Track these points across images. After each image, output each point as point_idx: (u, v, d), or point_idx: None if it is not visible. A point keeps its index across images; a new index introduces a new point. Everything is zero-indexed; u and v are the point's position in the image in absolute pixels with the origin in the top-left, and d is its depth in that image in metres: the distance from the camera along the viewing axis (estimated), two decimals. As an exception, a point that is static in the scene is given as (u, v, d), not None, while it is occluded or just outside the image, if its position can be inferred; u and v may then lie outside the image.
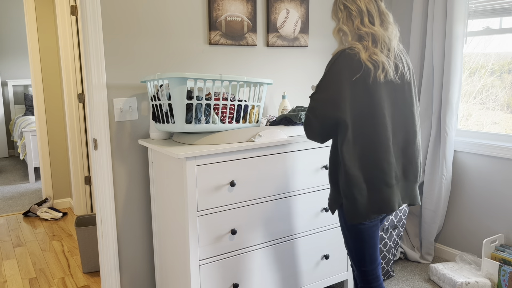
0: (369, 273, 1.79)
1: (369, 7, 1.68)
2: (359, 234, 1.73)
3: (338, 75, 1.61)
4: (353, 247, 1.78)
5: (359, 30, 1.66)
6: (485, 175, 2.78)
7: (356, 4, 1.68)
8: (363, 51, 1.62)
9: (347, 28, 1.69)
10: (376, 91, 1.62)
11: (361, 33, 1.67)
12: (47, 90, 4.16)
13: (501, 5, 2.67)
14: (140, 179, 2.33)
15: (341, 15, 1.71)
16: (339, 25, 1.72)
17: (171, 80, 1.87)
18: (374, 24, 1.67)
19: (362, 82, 1.61)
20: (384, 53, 1.66)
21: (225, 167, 2.00)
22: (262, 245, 2.18)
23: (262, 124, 2.33)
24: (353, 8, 1.68)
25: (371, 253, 1.76)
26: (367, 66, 1.61)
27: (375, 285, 1.81)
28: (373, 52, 1.63)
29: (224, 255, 2.06)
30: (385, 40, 1.66)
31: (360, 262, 1.79)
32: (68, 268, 3.01)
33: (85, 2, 2.07)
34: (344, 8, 1.70)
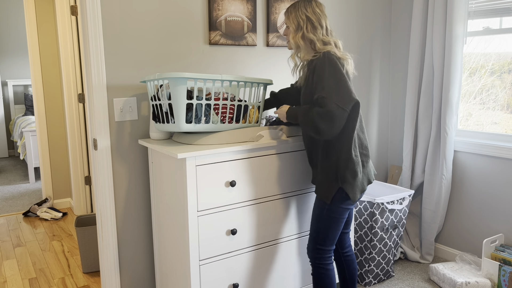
0: (326, 252, 2.01)
1: (326, 22, 1.96)
2: (338, 216, 1.95)
3: (336, 70, 1.82)
4: (324, 227, 1.97)
5: (324, 38, 1.93)
6: (485, 175, 2.78)
7: (317, 17, 1.94)
8: (336, 50, 1.90)
9: (315, 37, 1.92)
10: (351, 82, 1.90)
11: (325, 41, 1.93)
12: (47, 90, 4.16)
13: (501, 5, 2.67)
14: (140, 179, 2.33)
15: (303, 24, 1.93)
16: (304, 33, 1.93)
17: (171, 80, 1.87)
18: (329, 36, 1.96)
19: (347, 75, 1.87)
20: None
21: (225, 167, 2.00)
22: (262, 245, 2.18)
23: (262, 124, 2.33)
24: (315, 19, 1.93)
25: (336, 235, 2.00)
26: (346, 61, 1.90)
27: (329, 262, 2.02)
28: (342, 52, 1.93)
29: (224, 255, 2.06)
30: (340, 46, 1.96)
31: (323, 241, 1.99)
32: (68, 268, 3.01)
33: (85, 2, 2.07)
34: (307, 19, 1.93)
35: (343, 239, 2.14)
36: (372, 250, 2.62)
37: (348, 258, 2.15)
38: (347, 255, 2.15)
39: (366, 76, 3.17)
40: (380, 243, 2.63)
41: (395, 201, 2.64)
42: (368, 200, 2.57)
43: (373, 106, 3.24)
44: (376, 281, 2.70)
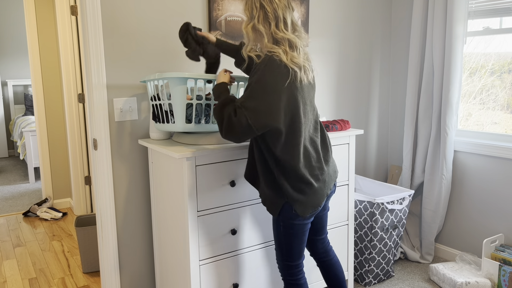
0: (294, 267, 1.90)
1: (285, 14, 1.70)
2: (295, 231, 1.82)
3: (272, 83, 1.63)
4: (284, 243, 1.86)
5: (276, 34, 1.68)
6: (485, 175, 2.78)
7: (273, 7, 1.68)
8: (283, 55, 1.65)
9: (264, 29, 1.70)
10: (301, 93, 1.71)
11: (278, 38, 1.69)
12: (47, 90, 4.16)
13: (501, 5, 2.67)
14: (140, 179, 2.33)
15: (256, 13, 1.70)
16: (255, 23, 1.71)
17: (171, 80, 1.87)
18: (288, 31, 1.70)
19: (293, 85, 1.67)
20: (302, 57, 1.71)
21: (225, 167, 2.00)
22: (262, 245, 2.18)
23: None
24: (270, 10, 1.68)
25: (300, 249, 1.87)
26: (293, 69, 1.66)
27: (299, 277, 1.91)
28: (292, 55, 1.67)
29: (224, 255, 2.06)
30: (299, 46, 1.71)
31: (288, 257, 1.88)
32: (68, 268, 3.01)
33: (85, 2, 2.07)
34: (260, 7, 1.69)
35: (316, 245, 2.04)
36: (372, 250, 2.62)
37: (327, 263, 2.05)
38: (324, 260, 2.05)
39: (366, 76, 3.17)
40: (380, 243, 2.63)
41: (395, 201, 2.64)
42: (368, 200, 2.57)
43: (373, 106, 3.24)
44: (376, 281, 2.70)
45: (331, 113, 3.02)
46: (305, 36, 1.78)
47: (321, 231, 2.03)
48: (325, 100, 2.98)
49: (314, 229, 2.01)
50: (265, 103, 1.63)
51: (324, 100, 2.98)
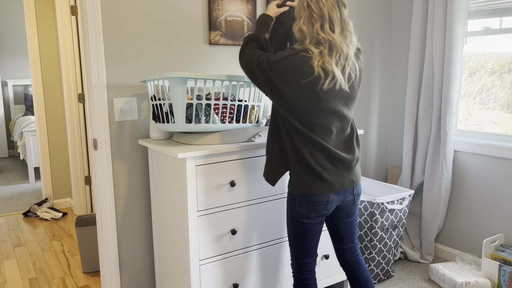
0: (304, 265, 1.90)
1: (331, 13, 1.65)
2: (302, 230, 1.83)
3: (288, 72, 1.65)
4: (294, 240, 1.88)
5: (318, 35, 1.65)
6: (485, 175, 2.78)
7: (319, 7, 1.65)
8: (318, 57, 1.63)
9: (307, 29, 1.67)
10: (325, 96, 1.67)
11: (319, 39, 1.65)
12: (47, 90, 4.16)
13: (501, 5, 2.67)
14: (140, 179, 2.33)
15: (303, 13, 1.68)
16: (300, 23, 1.69)
17: (171, 80, 1.87)
18: (334, 31, 1.66)
19: (310, 86, 1.65)
20: (339, 62, 1.67)
21: (225, 167, 2.00)
22: (262, 245, 2.18)
23: (262, 124, 2.33)
24: (315, 10, 1.65)
25: (309, 248, 1.88)
26: (319, 73, 1.63)
27: (308, 276, 1.91)
28: (327, 60, 1.64)
29: (224, 255, 2.06)
30: (342, 49, 1.66)
31: (298, 254, 1.89)
32: (68, 268, 3.01)
33: (85, 2, 2.07)
34: (307, 7, 1.67)
35: (344, 255, 1.97)
36: (372, 250, 2.62)
37: (358, 276, 1.96)
38: (355, 272, 1.96)
39: (366, 76, 3.17)
40: (380, 243, 2.63)
41: (395, 201, 2.63)
42: (368, 200, 2.57)
43: (373, 106, 3.24)
44: (376, 281, 2.70)
45: (331, 113, 3.02)
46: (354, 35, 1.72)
47: (347, 240, 1.95)
48: (325, 100, 2.98)
49: (338, 237, 1.95)
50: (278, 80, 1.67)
51: (324, 100, 2.98)
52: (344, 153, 1.77)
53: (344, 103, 1.74)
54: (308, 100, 1.67)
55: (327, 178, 1.73)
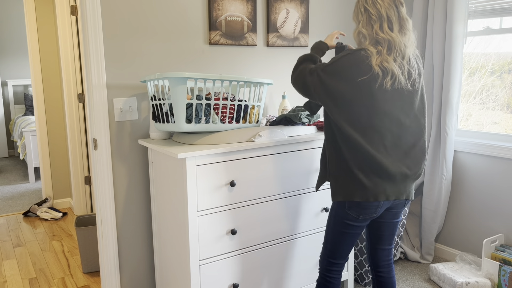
0: (334, 265, 1.89)
1: (389, 13, 1.68)
2: (344, 229, 1.81)
3: (344, 70, 1.66)
4: (331, 238, 1.87)
5: (377, 35, 1.68)
6: (485, 175, 2.78)
7: (376, 9, 1.69)
8: (376, 56, 1.65)
9: (366, 31, 1.71)
10: (380, 97, 1.65)
11: (379, 39, 1.68)
12: (47, 90, 4.16)
13: (501, 5, 2.67)
14: (140, 179, 2.33)
15: (361, 18, 1.73)
16: (359, 27, 1.74)
17: (171, 80, 1.87)
18: (392, 30, 1.68)
19: (366, 85, 1.64)
20: (398, 60, 1.67)
21: (225, 167, 2.00)
22: (262, 245, 2.18)
23: (262, 124, 2.33)
24: (373, 12, 1.69)
25: (345, 249, 1.86)
26: (376, 71, 1.64)
27: (335, 276, 1.90)
28: (385, 59, 1.65)
29: (224, 255, 2.06)
30: (401, 48, 1.68)
31: (331, 253, 1.88)
32: (68, 268, 3.01)
33: (85, 2, 2.07)
34: (364, 11, 1.72)
35: (378, 256, 1.94)
36: (372, 250, 2.62)
37: (386, 280, 1.94)
38: (384, 276, 1.94)
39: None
40: (380, 243, 2.63)
41: (395, 201, 2.63)
42: (368, 200, 2.57)
43: (373, 106, 3.24)
44: (376, 281, 2.70)
45: (331, 113, 3.02)
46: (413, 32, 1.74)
47: (387, 241, 1.92)
48: (325, 100, 2.98)
49: (378, 237, 1.91)
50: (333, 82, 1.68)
51: (324, 100, 2.97)
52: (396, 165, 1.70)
53: (402, 107, 1.70)
54: (364, 100, 1.65)
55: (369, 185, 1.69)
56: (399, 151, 1.71)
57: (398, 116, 1.70)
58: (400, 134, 1.71)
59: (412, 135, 1.74)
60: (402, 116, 1.71)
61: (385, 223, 1.87)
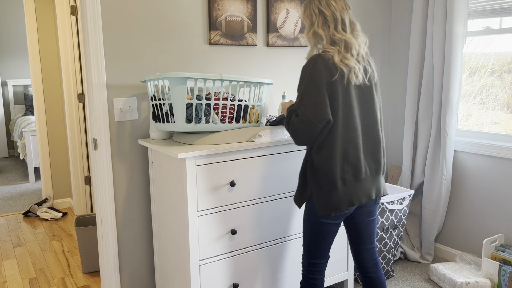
0: (315, 265, 1.91)
1: (343, 15, 1.79)
2: (319, 229, 1.84)
3: (319, 78, 1.69)
4: (308, 239, 1.89)
5: (334, 36, 1.76)
6: (485, 175, 2.78)
7: (331, 11, 1.77)
8: (336, 54, 1.73)
9: (323, 32, 1.78)
10: (349, 93, 1.74)
11: (335, 39, 1.76)
12: (47, 90, 4.16)
13: (501, 5, 2.67)
14: (140, 179, 2.33)
15: (315, 19, 1.79)
16: (315, 28, 1.80)
17: (171, 80, 1.87)
18: (346, 32, 1.78)
19: (338, 83, 1.71)
20: (354, 58, 1.77)
21: (225, 167, 2.00)
22: (262, 245, 2.18)
23: (262, 124, 2.33)
24: (328, 14, 1.77)
25: (323, 249, 1.88)
26: (342, 69, 1.71)
27: (317, 277, 1.92)
28: (345, 56, 1.73)
29: (224, 255, 2.06)
30: (355, 47, 1.77)
31: (310, 254, 1.90)
32: (68, 268, 3.01)
33: (85, 2, 2.07)
34: (319, 13, 1.79)
35: (362, 256, 1.95)
36: (372, 250, 2.62)
37: (374, 280, 1.95)
38: (371, 276, 1.95)
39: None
40: (380, 243, 2.63)
41: (395, 201, 2.63)
42: (368, 200, 2.57)
43: (373, 106, 3.24)
44: (376, 281, 2.70)
45: (331, 113, 3.02)
46: (363, 35, 1.83)
47: (368, 240, 1.94)
48: (325, 100, 2.98)
49: (357, 237, 1.94)
50: (319, 97, 1.68)
51: (324, 100, 2.98)
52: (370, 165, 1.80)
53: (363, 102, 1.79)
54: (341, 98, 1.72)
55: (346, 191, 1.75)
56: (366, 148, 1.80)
57: (362, 112, 1.79)
58: (365, 131, 1.80)
59: (373, 131, 1.82)
60: (364, 112, 1.80)
61: (361, 222, 1.90)
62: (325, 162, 1.72)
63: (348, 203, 1.76)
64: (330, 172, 1.72)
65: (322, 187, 1.75)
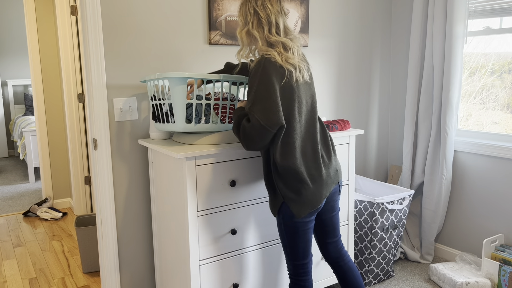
0: (300, 266, 1.89)
1: (277, 19, 1.77)
2: (295, 230, 1.83)
3: (269, 83, 1.68)
4: (287, 242, 1.87)
5: (269, 38, 1.76)
6: (485, 175, 2.78)
7: (266, 13, 1.75)
8: (278, 56, 1.72)
9: (258, 34, 1.77)
10: (297, 92, 1.77)
11: (271, 41, 1.76)
12: (47, 90, 4.16)
13: (501, 5, 2.67)
14: (140, 179, 2.33)
15: (250, 19, 1.78)
16: (249, 28, 1.78)
17: (171, 80, 1.87)
18: (280, 35, 1.77)
19: (288, 84, 1.74)
20: (296, 57, 1.78)
21: (225, 167, 2.00)
22: (262, 245, 2.18)
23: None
24: (263, 16, 1.75)
25: (304, 248, 1.87)
26: (288, 69, 1.73)
27: (304, 278, 1.91)
28: (287, 56, 1.74)
29: (224, 255, 2.06)
30: (294, 47, 1.78)
31: (293, 256, 1.88)
32: (68, 268, 3.01)
33: (85, 2, 2.07)
34: (254, 13, 1.77)
35: (328, 249, 2.00)
36: (372, 250, 2.62)
37: (342, 268, 2.00)
38: (339, 265, 2.00)
39: (366, 76, 3.17)
40: (380, 243, 2.63)
41: (395, 201, 2.64)
42: (368, 200, 2.57)
43: (373, 106, 3.24)
44: (376, 281, 2.70)
45: (331, 113, 3.02)
46: (299, 37, 1.84)
47: (332, 233, 1.99)
48: (325, 100, 2.98)
49: (323, 232, 1.98)
50: (271, 102, 1.68)
51: (324, 100, 2.98)
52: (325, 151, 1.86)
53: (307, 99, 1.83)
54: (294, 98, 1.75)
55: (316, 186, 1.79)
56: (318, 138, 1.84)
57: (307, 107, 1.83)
58: (311, 127, 1.83)
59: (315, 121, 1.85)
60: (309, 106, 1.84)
61: (326, 218, 1.95)
62: (290, 165, 1.73)
63: (322, 197, 1.80)
64: (297, 173, 1.73)
65: (294, 190, 1.75)
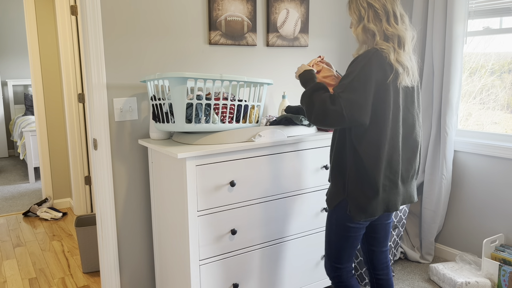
0: (341, 269, 1.83)
1: (394, 7, 1.65)
2: (347, 233, 1.76)
3: (369, 77, 1.57)
4: (334, 243, 1.81)
5: (387, 30, 1.63)
6: (485, 175, 2.78)
7: (381, 3, 1.64)
8: (392, 53, 1.61)
9: (375, 27, 1.64)
10: (399, 94, 1.64)
11: (388, 34, 1.63)
12: (47, 90, 4.16)
13: (501, 5, 2.67)
14: (140, 179, 2.33)
15: (365, 13, 1.66)
16: (365, 24, 1.66)
17: (171, 80, 1.87)
18: (398, 25, 1.64)
19: (392, 84, 1.61)
20: (407, 54, 1.65)
21: (225, 167, 2.00)
22: (262, 245, 2.18)
23: (262, 124, 2.33)
24: (378, 7, 1.63)
25: (350, 252, 1.81)
26: (397, 69, 1.60)
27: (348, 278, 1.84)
28: (399, 54, 1.62)
29: (224, 255, 2.06)
30: (408, 42, 1.65)
31: (335, 258, 1.82)
32: (68, 268, 3.01)
33: (85, 2, 2.07)
34: (368, 6, 1.65)
35: (377, 258, 1.92)
36: (372, 250, 2.62)
37: (384, 282, 1.92)
38: (379, 278, 1.92)
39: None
40: (380, 243, 2.63)
41: (395, 201, 2.63)
42: (368, 200, 2.57)
43: (373, 106, 3.24)
44: (376, 281, 2.70)
45: (331, 113, 3.02)
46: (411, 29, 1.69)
47: (383, 242, 1.92)
48: (325, 100, 2.98)
49: (374, 239, 1.90)
50: (363, 97, 1.57)
51: (324, 100, 2.97)
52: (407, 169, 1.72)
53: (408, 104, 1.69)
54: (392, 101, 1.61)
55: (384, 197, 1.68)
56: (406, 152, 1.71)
57: (407, 115, 1.69)
58: (405, 135, 1.70)
59: (412, 135, 1.73)
60: (409, 114, 1.70)
61: (379, 225, 1.88)
62: (371, 170, 1.62)
63: (384, 210, 1.69)
64: (374, 179, 1.63)
65: (362, 193, 1.65)
